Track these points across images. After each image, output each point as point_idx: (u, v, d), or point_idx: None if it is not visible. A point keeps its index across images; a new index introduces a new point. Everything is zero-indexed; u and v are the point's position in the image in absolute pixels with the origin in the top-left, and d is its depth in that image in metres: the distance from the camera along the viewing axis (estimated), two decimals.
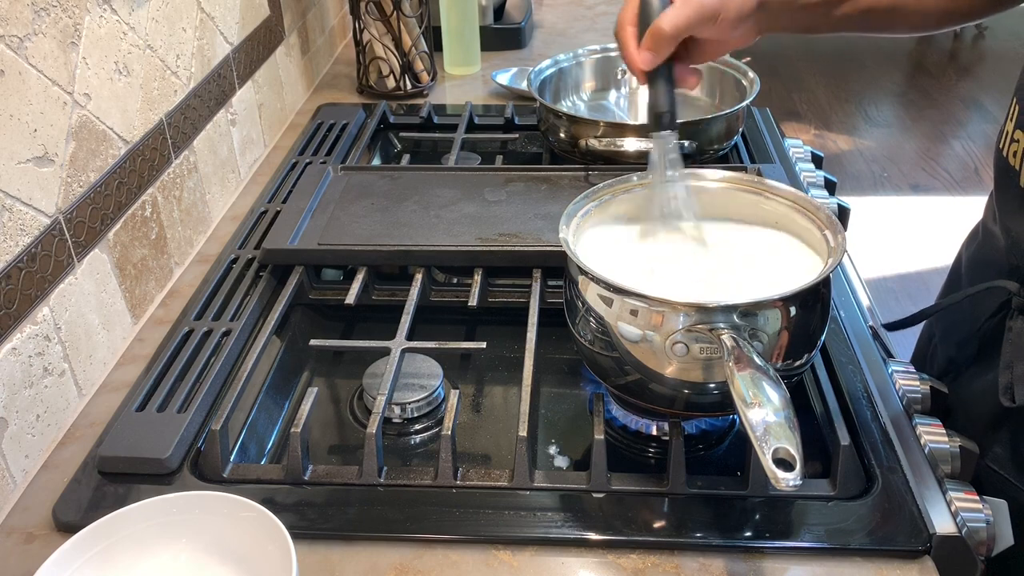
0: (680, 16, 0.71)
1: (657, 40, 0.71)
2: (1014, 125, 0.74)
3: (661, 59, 0.73)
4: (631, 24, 0.74)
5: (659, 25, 0.71)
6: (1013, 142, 0.74)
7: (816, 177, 1.10)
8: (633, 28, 0.74)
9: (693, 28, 0.72)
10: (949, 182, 3.25)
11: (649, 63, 0.73)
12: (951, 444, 0.69)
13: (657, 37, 0.71)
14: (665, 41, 0.72)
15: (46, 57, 0.72)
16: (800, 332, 0.64)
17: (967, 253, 0.91)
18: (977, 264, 0.87)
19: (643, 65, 0.73)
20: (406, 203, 0.95)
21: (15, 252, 0.68)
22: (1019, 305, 0.75)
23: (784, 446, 0.54)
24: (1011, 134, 0.74)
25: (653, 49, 0.72)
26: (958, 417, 0.79)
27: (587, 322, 0.67)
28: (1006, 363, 0.74)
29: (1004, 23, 4.59)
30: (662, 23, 0.71)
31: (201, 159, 1.00)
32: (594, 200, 0.75)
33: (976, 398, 0.80)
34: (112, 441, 0.70)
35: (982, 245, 0.87)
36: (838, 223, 0.69)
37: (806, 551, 0.62)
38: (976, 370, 0.82)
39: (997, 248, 0.81)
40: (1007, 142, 0.75)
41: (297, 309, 0.91)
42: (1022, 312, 0.75)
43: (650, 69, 0.73)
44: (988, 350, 0.80)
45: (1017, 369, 0.73)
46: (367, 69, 1.36)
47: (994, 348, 0.77)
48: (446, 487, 0.67)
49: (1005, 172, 0.75)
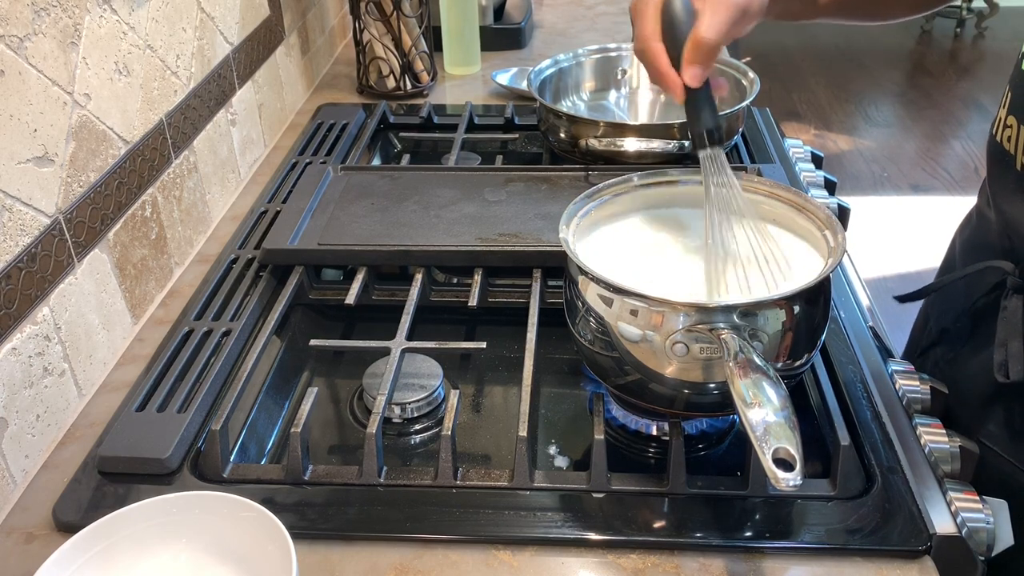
0: (720, 21, 0.66)
1: (704, 52, 0.66)
2: (1007, 111, 0.75)
3: (708, 72, 0.68)
4: (657, 39, 0.68)
5: (703, 36, 0.66)
6: (1006, 127, 0.75)
7: (816, 177, 1.10)
8: (660, 44, 0.68)
9: (733, 31, 0.68)
10: (949, 182, 3.25)
11: (699, 78, 0.67)
12: (951, 444, 0.69)
13: (704, 49, 0.66)
14: (713, 52, 0.66)
15: (46, 57, 0.72)
16: (800, 332, 0.64)
17: (961, 238, 0.92)
18: (971, 248, 0.88)
19: (692, 82, 0.67)
20: (406, 203, 0.95)
21: (15, 252, 0.68)
22: (1014, 285, 0.76)
23: (784, 446, 0.54)
24: (1004, 120, 0.76)
25: (701, 63, 0.66)
26: (953, 398, 0.80)
27: (587, 322, 0.67)
28: (1000, 341, 0.76)
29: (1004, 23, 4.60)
30: (706, 33, 0.66)
31: (201, 159, 1.00)
32: (594, 200, 0.75)
33: (970, 377, 0.82)
34: (112, 441, 0.70)
35: (976, 229, 0.88)
36: (838, 223, 0.69)
37: (806, 551, 0.62)
38: (970, 349, 0.83)
39: (991, 231, 0.82)
40: (1000, 128, 0.76)
41: (297, 309, 0.91)
42: (1016, 291, 0.76)
43: (700, 85, 0.67)
44: (982, 330, 0.81)
45: (1011, 347, 0.74)
46: (367, 69, 1.36)
47: (988, 328, 0.79)
48: (446, 487, 0.67)
49: (1000, 157, 0.76)
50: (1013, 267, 0.77)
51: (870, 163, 3.41)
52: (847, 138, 3.61)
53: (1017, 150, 0.73)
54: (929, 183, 3.25)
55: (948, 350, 0.88)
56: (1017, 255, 0.77)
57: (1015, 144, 0.74)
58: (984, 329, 0.81)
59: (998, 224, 0.80)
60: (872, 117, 3.80)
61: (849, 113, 3.83)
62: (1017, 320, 0.75)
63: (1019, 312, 0.75)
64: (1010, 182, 0.75)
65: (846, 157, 3.45)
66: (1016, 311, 0.75)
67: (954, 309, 0.88)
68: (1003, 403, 0.78)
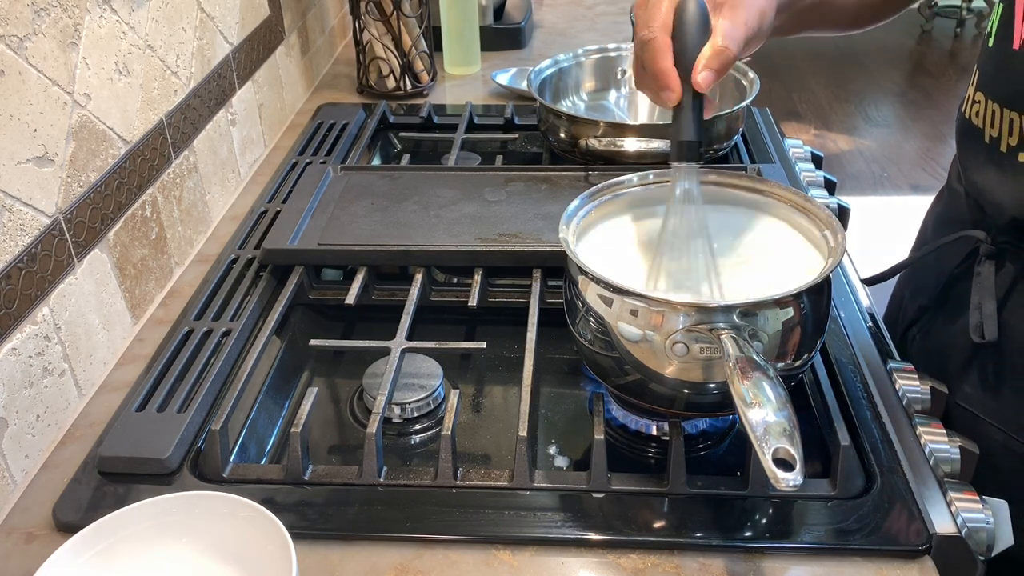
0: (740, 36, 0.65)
1: (723, 61, 0.64)
2: (975, 88, 0.79)
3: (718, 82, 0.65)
4: (666, 34, 0.65)
5: (726, 45, 0.64)
6: (975, 103, 0.79)
7: (816, 177, 1.10)
8: (668, 39, 0.65)
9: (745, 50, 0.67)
10: None
11: (709, 85, 0.65)
12: (951, 444, 0.69)
13: (723, 58, 0.64)
14: (731, 63, 0.65)
15: (46, 57, 0.72)
16: (800, 332, 0.64)
17: (932, 213, 0.96)
18: (943, 222, 0.92)
19: (702, 86, 0.64)
20: (406, 203, 0.95)
21: (15, 252, 0.68)
22: (986, 252, 0.80)
23: (784, 446, 0.54)
24: (972, 96, 0.79)
25: (718, 69, 0.64)
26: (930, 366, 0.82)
27: (587, 322, 0.67)
28: (975, 304, 0.79)
29: None
30: (728, 43, 0.64)
31: (201, 159, 1.00)
32: (594, 200, 0.75)
33: (946, 342, 0.85)
34: (112, 441, 0.70)
35: (947, 204, 0.92)
36: (838, 223, 0.69)
37: (806, 551, 0.62)
38: (945, 317, 0.87)
39: (961, 204, 0.86)
40: (969, 104, 0.80)
41: (297, 309, 0.91)
42: (989, 257, 0.80)
43: (707, 91, 0.65)
44: (955, 298, 0.85)
45: (986, 308, 0.78)
46: (367, 69, 1.36)
47: (962, 294, 0.82)
48: (446, 487, 0.67)
49: (968, 131, 0.80)
50: (985, 235, 0.80)
51: (870, 163, 3.41)
52: (847, 138, 3.62)
53: (984, 124, 0.77)
54: (929, 183, 3.25)
55: (924, 324, 0.91)
56: (988, 224, 0.81)
57: (983, 119, 0.77)
58: (957, 297, 0.84)
59: (969, 197, 0.84)
60: (872, 117, 3.80)
61: (849, 113, 3.83)
62: (991, 284, 0.79)
63: (992, 276, 0.79)
64: (980, 154, 0.78)
65: (846, 157, 3.45)
66: (989, 275, 0.79)
67: (928, 283, 0.91)
68: (977, 363, 0.81)
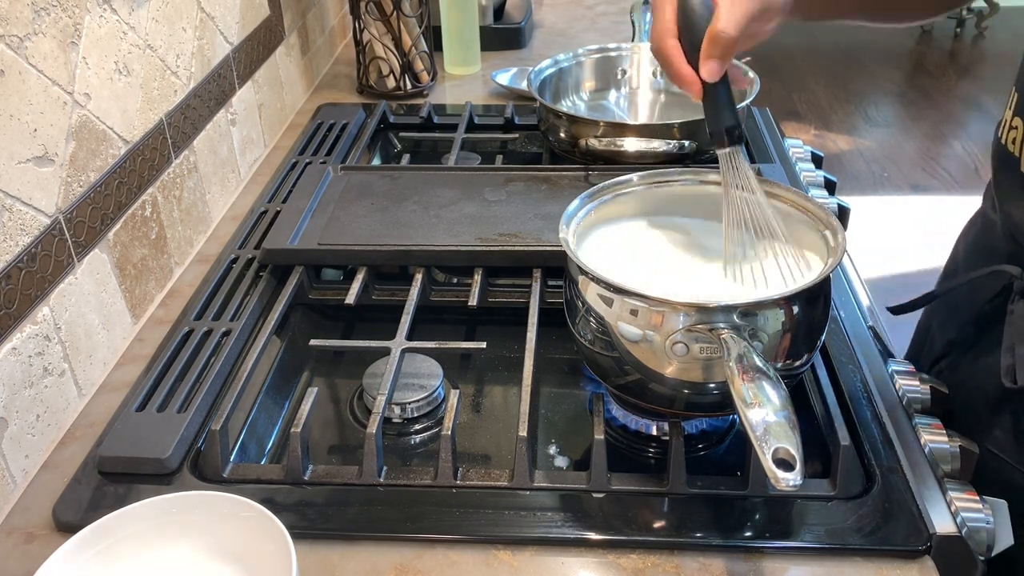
0: (739, 14, 0.65)
1: (722, 46, 0.65)
2: (1012, 113, 0.75)
3: (727, 66, 0.67)
4: (673, 36, 0.68)
5: (721, 29, 0.65)
6: (1012, 129, 0.75)
7: (816, 177, 1.10)
8: (674, 41, 0.68)
9: (753, 27, 0.67)
10: (949, 182, 3.25)
11: (716, 73, 0.66)
12: (951, 444, 0.69)
13: (721, 42, 0.65)
14: (731, 46, 0.66)
15: (46, 57, 0.72)
16: (800, 332, 0.64)
17: (965, 241, 0.91)
18: (976, 251, 0.87)
19: (710, 77, 0.66)
20: (406, 203, 0.95)
21: (15, 252, 0.68)
22: (1020, 289, 0.75)
23: (784, 446, 0.54)
24: (1009, 121, 0.75)
25: (720, 57, 0.66)
26: (957, 403, 0.79)
27: (587, 322, 0.67)
28: (1008, 346, 0.75)
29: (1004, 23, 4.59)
30: (724, 26, 0.65)
31: (201, 159, 1.00)
32: (594, 200, 0.75)
33: (976, 382, 0.81)
34: (112, 441, 0.70)
35: (981, 232, 0.87)
36: (838, 223, 0.69)
37: (806, 551, 0.62)
38: (975, 354, 0.82)
39: (996, 235, 0.82)
40: (1006, 130, 0.76)
41: (297, 309, 0.91)
42: (1023, 295, 0.75)
43: (717, 80, 0.67)
44: (988, 334, 0.80)
45: (1019, 351, 0.73)
46: (367, 69, 1.36)
47: (994, 332, 0.78)
48: (446, 487, 0.67)
49: (1005, 159, 0.76)
50: (1020, 271, 0.76)
51: (870, 163, 3.41)
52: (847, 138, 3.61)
53: (1023, 152, 0.73)
54: (929, 183, 3.25)
55: (953, 359, 0.87)
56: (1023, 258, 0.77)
57: (1020, 146, 0.73)
58: (989, 334, 0.80)
59: (1004, 227, 0.79)
60: (872, 117, 3.80)
61: (849, 113, 3.83)
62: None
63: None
64: (1016, 185, 0.75)
65: (846, 157, 3.45)
66: (1023, 315, 0.74)
67: (958, 317, 0.87)
68: (1010, 408, 0.77)
